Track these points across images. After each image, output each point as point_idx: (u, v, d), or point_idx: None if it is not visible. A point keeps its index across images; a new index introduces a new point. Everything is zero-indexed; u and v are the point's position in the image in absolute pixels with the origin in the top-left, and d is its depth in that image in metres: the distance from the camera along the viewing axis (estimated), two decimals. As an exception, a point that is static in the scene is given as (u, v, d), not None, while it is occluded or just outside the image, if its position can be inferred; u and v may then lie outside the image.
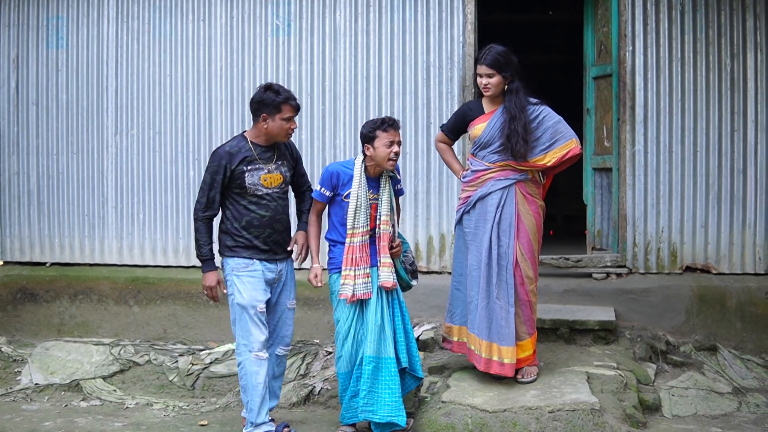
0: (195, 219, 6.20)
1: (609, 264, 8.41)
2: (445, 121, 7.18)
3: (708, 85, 8.29)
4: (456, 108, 7.96)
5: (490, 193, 6.53)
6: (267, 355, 6.25)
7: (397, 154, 6.15)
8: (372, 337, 6.14)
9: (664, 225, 8.33)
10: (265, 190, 6.19)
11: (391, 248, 6.33)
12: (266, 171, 6.18)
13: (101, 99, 9.17)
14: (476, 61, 6.56)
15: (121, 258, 9.22)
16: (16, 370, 8.19)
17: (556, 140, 6.46)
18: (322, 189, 6.32)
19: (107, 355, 8.20)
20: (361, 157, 6.26)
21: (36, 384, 7.91)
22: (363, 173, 6.23)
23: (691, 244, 8.35)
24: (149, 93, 9.09)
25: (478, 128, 6.58)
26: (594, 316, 7.65)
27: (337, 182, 6.26)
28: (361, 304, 6.25)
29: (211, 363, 8.02)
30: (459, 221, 6.76)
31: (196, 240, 6.21)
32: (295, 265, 6.55)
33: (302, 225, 6.52)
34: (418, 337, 7.77)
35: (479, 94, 6.71)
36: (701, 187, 8.31)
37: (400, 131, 6.21)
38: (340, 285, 6.20)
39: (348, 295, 6.15)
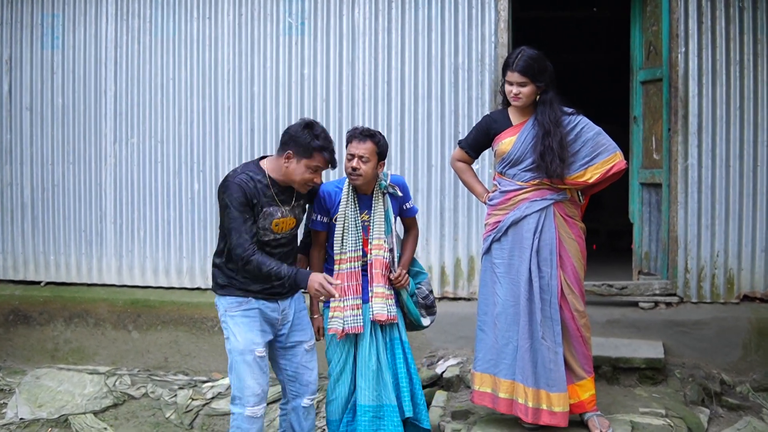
0: (246, 264, 5.28)
1: (657, 292, 7.90)
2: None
3: (771, 92, 7.83)
4: None
5: (525, 216, 5.86)
6: (263, 411, 5.59)
7: (354, 169, 5.56)
8: (366, 383, 5.65)
9: (719, 249, 7.83)
10: (272, 236, 5.43)
11: (392, 279, 5.78)
12: (280, 215, 5.41)
13: (99, 104, 8.83)
14: (505, 66, 5.88)
15: (120, 278, 8.88)
16: (2, 401, 7.88)
17: (598, 154, 5.82)
18: (317, 216, 5.76)
19: (101, 386, 7.94)
20: None
21: (21, 419, 7.50)
22: (351, 191, 5.70)
23: (749, 270, 7.85)
24: (150, 98, 8.72)
25: (506, 143, 5.90)
26: (640, 353, 7.18)
27: (329, 204, 5.72)
28: (355, 342, 5.76)
29: (212, 398, 7.70)
30: (487, 251, 6.07)
31: (268, 276, 5.31)
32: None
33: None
34: (442, 373, 7.37)
35: (505, 103, 6.04)
36: (762, 206, 7.82)
37: (414, 142, 5.69)
38: (329, 319, 5.70)
39: (338, 329, 5.62)
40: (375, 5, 8.23)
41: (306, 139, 5.25)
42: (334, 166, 5.42)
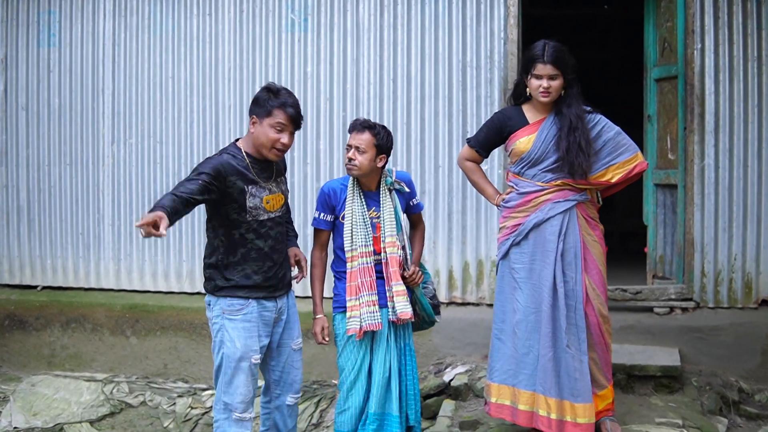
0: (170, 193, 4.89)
1: (673, 296, 7.77)
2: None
3: (791, 89, 7.70)
4: None
5: (549, 218, 5.69)
6: (252, 414, 5.43)
7: (350, 159, 5.51)
8: (378, 391, 5.53)
9: (737, 252, 7.68)
10: (266, 215, 5.27)
11: (406, 276, 5.65)
12: (268, 191, 5.27)
13: (96, 103, 8.73)
14: (532, 60, 5.67)
15: (118, 282, 8.78)
16: (-4, 409, 7.80)
17: (620, 153, 5.71)
18: (321, 214, 5.66)
19: (98, 393, 7.85)
20: None
21: (15, 428, 7.52)
22: (356, 187, 5.63)
23: None
24: (149, 97, 8.61)
25: (525, 141, 5.71)
26: (656, 360, 7.03)
27: (334, 201, 5.64)
28: (370, 348, 5.60)
29: (212, 406, 7.32)
30: (505, 255, 5.87)
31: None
32: (296, 286, 5.76)
33: (292, 240, 5.80)
34: (449, 382, 7.22)
35: (521, 99, 5.85)
36: None
37: (431, 141, 5.64)
38: (347, 319, 5.53)
39: (356, 328, 5.46)
40: (380, 1, 8.09)
41: (264, 98, 5.18)
42: (298, 125, 5.28)
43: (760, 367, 7.34)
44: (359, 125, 5.55)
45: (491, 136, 5.89)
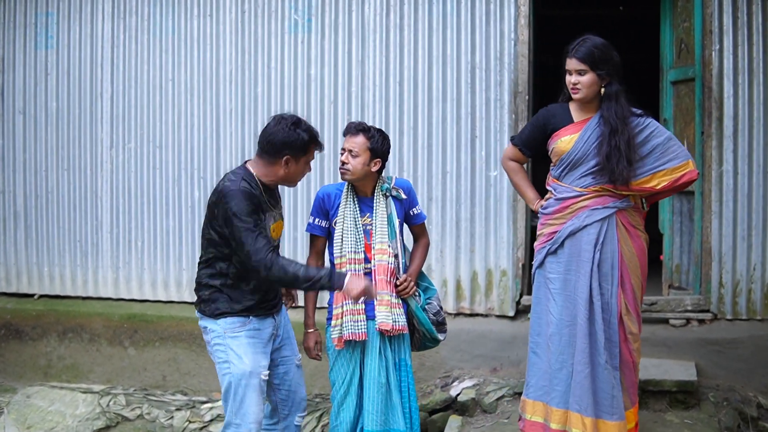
0: (270, 270, 4.93)
1: (690, 308, 7.66)
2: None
3: (811, 92, 7.58)
4: (508, 116, 7.68)
5: (585, 226, 5.49)
6: None
7: (343, 163, 5.46)
8: (374, 407, 5.39)
9: (756, 261, 7.54)
10: (272, 243, 5.21)
11: (398, 286, 5.54)
12: (273, 220, 5.23)
13: (95, 107, 8.60)
14: (566, 54, 5.57)
15: (116, 291, 8.64)
16: (-10, 422, 7.67)
17: (669, 160, 5.49)
18: (316, 219, 5.61)
19: (94, 406, 7.67)
20: None
21: None
22: (351, 192, 5.56)
23: None
24: (149, 100, 8.50)
25: (566, 141, 5.52)
26: (671, 375, 6.90)
27: (328, 206, 5.59)
28: (361, 362, 5.50)
29: (211, 420, 7.50)
30: (540, 264, 5.70)
31: (295, 278, 4.98)
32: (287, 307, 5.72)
33: None
34: (456, 396, 7.11)
35: (566, 98, 5.70)
36: None
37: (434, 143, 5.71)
38: (331, 329, 5.49)
39: (334, 337, 5.43)
40: (387, 1, 7.97)
41: (301, 138, 5.15)
42: (323, 150, 5.43)
43: (779, 382, 7.32)
44: (353, 128, 5.50)
45: (535, 134, 5.71)
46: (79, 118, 8.62)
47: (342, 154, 5.43)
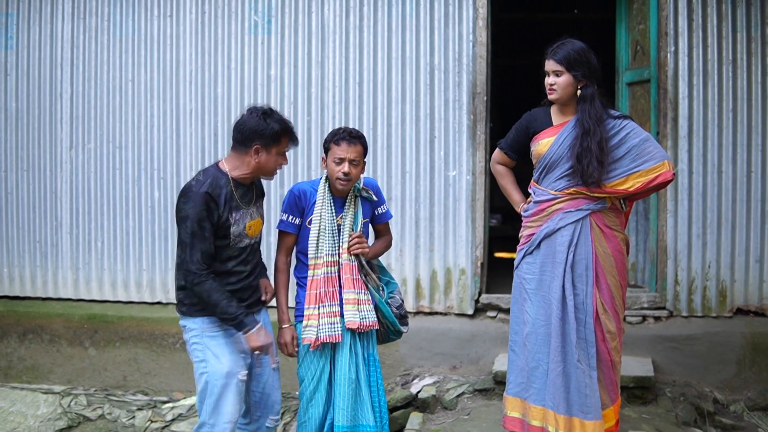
0: (195, 284, 4.98)
1: (646, 305, 7.72)
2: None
3: (765, 93, 7.61)
4: (467, 117, 7.73)
5: (559, 228, 5.51)
6: None
7: (345, 174, 5.34)
8: (344, 402, 5.34)
9: (711, 259, 7.66)
10: (247, 241, 5.21)
11: (348, 242, 5.50)
12: (249, 218, 5.19)
13: (54, 107, 8.52)
14: (544, 56, 5.61)
15: (76, 292, 8.55)
16: (-51, 424, 7.55)
17: (643, 162, 5.47)
18: (289, 217, 5.46)
19: (56, 406, 7.72)
20: (326, 172, 5.55)
21: None
22: (327, 192, 5.47)
23: (743, 282, 7.69)
24: (108, 101, 8.42)
25: (543, 144, 5.56)
26: (629, 371, 6.94)
27: (304, 203, 5.47)
28: (331, 358, 5.44)
29: (173, 420, 7.54)
30: (518, 266, 5.75)
31: (215, 306, 5.00)
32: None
33: (262, 271, 5.60)
34: (417, 393, 7.16)
35: (549, 102, 5.71)
36: (756, 214, 7.66)
37: (401, 145, 5.69)
38: (302, 328, 5.37)
39: (311, 338, 5.30)
40: (346, 2, 7.98)
41: (271, 128, 5.13)
42: (297, 143, 5.37)
43: (735, 377, 7.34)
44: (352, 137, 5.41)
45: (519, 137, 5.75)
46: (38, 118, 8.53)
47: (339, 163, 5.35)
